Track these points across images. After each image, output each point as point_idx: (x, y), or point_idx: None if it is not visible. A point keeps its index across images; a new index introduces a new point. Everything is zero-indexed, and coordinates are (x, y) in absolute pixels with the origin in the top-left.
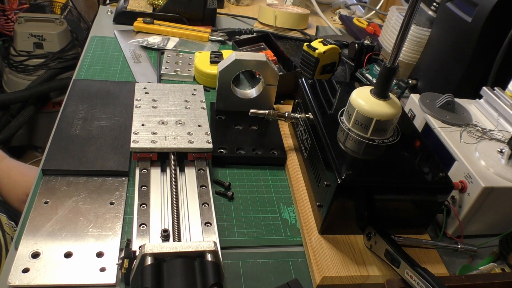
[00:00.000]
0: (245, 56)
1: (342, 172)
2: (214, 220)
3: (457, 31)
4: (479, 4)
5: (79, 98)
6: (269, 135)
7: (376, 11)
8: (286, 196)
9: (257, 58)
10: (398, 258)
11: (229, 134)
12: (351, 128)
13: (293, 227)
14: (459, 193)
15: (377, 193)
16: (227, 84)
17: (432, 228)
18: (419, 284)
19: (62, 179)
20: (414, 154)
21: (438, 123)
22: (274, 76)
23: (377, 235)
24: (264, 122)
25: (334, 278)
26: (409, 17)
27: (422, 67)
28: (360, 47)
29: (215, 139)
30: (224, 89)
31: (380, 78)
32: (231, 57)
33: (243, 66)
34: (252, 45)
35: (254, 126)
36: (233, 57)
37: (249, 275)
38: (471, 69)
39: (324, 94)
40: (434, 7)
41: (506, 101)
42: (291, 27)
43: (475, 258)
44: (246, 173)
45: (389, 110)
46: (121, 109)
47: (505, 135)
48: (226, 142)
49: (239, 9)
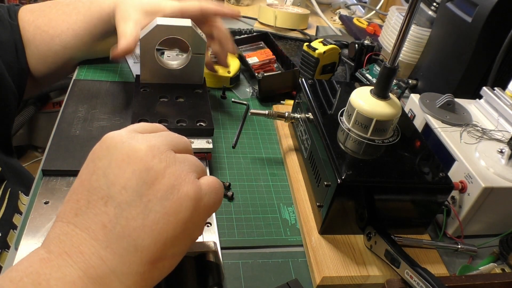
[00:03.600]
0: (169, 21)
1: (342, 172)
2: (214, 220)
3: (457, 31)
4: (479, 4)
5: (79, 98)
6: (197, 107)
7: (376, 11)
8: (286, 196)
9: (181, 23)
10: (398, 258)
11: (152, 106)
12: (351, 128)
13: (293, 227)
14: (459, 193)
15: (377, 193)
16: (150, 53)
17: (432, 228)
18: (419, 284)
19: (62, 179)
20: (414, 154)
21: (438, 123)
22: (201, 43)
23: (377, 235)
24: (192, 94)
25: (334, 278)
26: (409, 17)
27: (422, 67)
28: (360, 47)
29: (136, 111)
30: (148, 59)
31: (380, 78)
32: (153, 23)
33: (166, 32)
34: (251, 44)
35: (181, 99)
36: (155, 23)
37: (249, 275)
38: (471, 69)
39: (324, 94)
40: (434, 7)
41: (506, 101)
42: (291, 27)
43: (475, 258)
44: (246, 173)
45: (389, 110)
46: (121, 109)
47: (505, 135)
48: (147, 114)
49: (239, 9)
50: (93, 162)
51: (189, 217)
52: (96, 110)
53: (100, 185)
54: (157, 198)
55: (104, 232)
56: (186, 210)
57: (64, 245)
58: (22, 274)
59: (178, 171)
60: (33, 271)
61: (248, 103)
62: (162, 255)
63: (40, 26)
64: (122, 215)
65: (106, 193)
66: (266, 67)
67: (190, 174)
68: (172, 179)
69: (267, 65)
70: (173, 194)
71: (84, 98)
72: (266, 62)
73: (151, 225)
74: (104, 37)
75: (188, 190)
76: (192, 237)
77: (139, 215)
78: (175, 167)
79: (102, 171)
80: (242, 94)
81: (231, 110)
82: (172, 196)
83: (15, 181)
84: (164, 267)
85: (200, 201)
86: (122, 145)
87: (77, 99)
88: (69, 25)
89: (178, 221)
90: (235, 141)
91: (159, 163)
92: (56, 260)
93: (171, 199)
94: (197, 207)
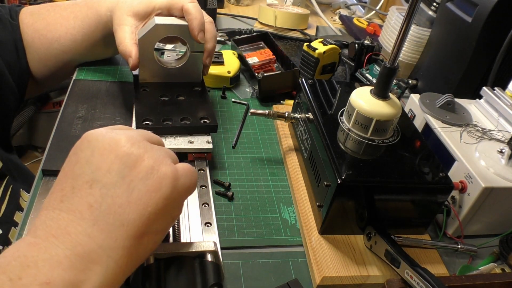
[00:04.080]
0: (166, 20)
1: (342, 172)
2: (214, 220)
3: (457, 31)
4: (479, 4)
5: (79, 98)
6: (198, 105)
7: (376, 11)
8: (286, 196)
9: (179, 22)
10: (398, 258)
11: (154, 105)
12: (351, 128)
13: (293, 227)
14: (459, 193)
15: (377, 193)
16: (149, 53)
17: (432, 228)
18: (419, 284)
19: None
20: (414, 154)
21: (438, 123)
22: None
23: (377, 235)
24: (192, 92)
25: (334, 278)
26: (409, 17)
27: (422, 67)
28: (360, 47)
29: (139, 111)
30: (147, 59)
31: (380, 78)
32: (151, 22)
33: (165, 31)
34: (251, 44)
35: (182, 97)
36: (153, 22)
37: (249, 275)
38: (471, 69)
39: (324, 94)
40: (434, 7)
41: (506, 101)
42: (291, 27)
43: (475, 258)
44: (246, 173)
45: (389, 110)
46: (121, 109)
47: (505, 135)
48: (151, 113)
49: (239, 9)
50: (75, 154)
51: (169, 194)
52: (96, 110)
53: (84, 171)
54: (138, 178)
55: (91, 211)
56: (166, 187)
57: (51, 229)
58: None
59: (156, 155)
60: (21, 255)
61: (248, 103)
62: (146, 229)
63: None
64: (108, 194)
65: (91, 177)
66: (266, 67)
67: (167, 158)
68: (151, 161)
69: (267, 65)
70: (153, 174)
71: (84, 98)
72: (266, 62)
73: (135, 201)
74: (104, 41)
75: (167, 170)
76: (172, 215)
77: (124, 193)
78: (153, 152)
79: (85, 160)
80: (242, 94)
81: (231, 110)
82: (153, 175)
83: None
84: (149, 243)
85: (178, 180)
86: (103, 137)
87: (77, 99)
88: (67, 30)
89: (159, 197)
90: (235, 141)
91: (138, 149)
92: (43, 244)
93: (152, 178)
94: (176, 185)
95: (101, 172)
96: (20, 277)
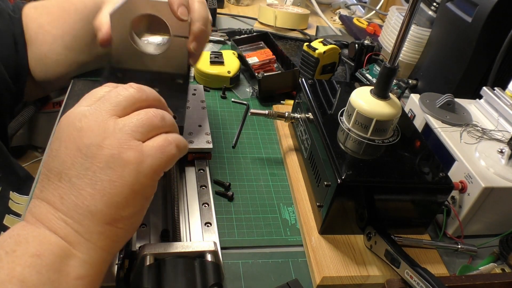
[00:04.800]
0: None
1: (342, 172)
2: (214, 220)
3: (457, 31)
4: (479, 4)
5: (79, 98)
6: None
7: (376, 11)
8: (286, 196)
9: None
10: (398, 258)
11: None
12: (351, 128)
13: (293, 227)
14: (459, 193)
15: (377, 193)
16: (123, 32)
17: (432, 228)
18: (419, 284)
19: None
20: (414, 154)
21: (438, 123)
22: (182, 24)
23: (377, 235)
24: (171, 84)
25: (334, 278)
26: (409, 17)
27: (422, 67)
28: (360, 47)
29: None
30: (120, 39)
31: (380, 78)
32: None
33: (140, 8)
34: (251, 44)
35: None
36: None
37: (249, 275)
38: (471, 69)
39: (324, 94)
40: (434, 7)
41: (506, 101)
42: (291, 27)
43: (475, 258)
44: (246, 173)
45: (389, 110)
46: None
47: (505, 135)
48: None
49: (239, 9)
50: (51, 145)
51: (134, 180)
52: None
53: (54, 165)
54: (100, 168)
55: (62, 202)
56: (130, 174)
57: (35, 215)
58: (5, 237)
59: (116, 140)
60: (15, 234)
61: (248, 103)
62: (117, 216)
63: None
64: (74, 187)
65: (60, 170)
66: (266, 67)
67: (130, 140)
68: (111, 149)
69: (267, 65)
70: (114, 163)
71: None
72: (266, 62)
73: (100, 192)
74: None
75: (128, 156)
76: (145, 195)
77: (88, 185)
78: (113, 137)
79: (55, 153)
80: (242, 94)
81: (231, 110)
82: (114, 164)
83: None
84: (126, 225)
85: (143, 163)
86: (68, 127)
87: (77, 99)
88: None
89: (124, 185)
90: (235, 141)
91: (97, 136)
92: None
93: (113, 167)
94: (140, 169)
95: (66, 165)
96: (14, 250)
